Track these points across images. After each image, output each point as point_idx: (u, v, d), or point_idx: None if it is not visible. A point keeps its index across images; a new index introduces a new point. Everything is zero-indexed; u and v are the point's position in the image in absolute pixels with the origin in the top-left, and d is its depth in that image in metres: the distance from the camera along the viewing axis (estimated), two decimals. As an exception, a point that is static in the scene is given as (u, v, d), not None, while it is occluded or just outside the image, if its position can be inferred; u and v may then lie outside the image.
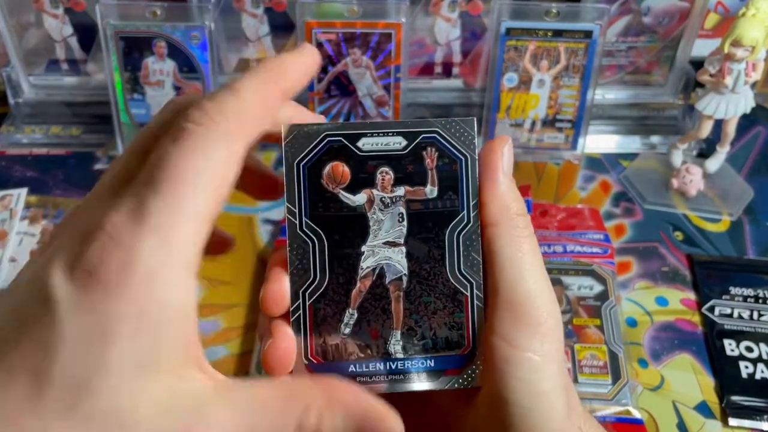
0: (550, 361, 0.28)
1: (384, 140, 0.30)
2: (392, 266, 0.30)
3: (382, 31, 0.69)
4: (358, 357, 0.30)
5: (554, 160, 0.76)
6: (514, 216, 0.29)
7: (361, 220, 0.30)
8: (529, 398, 0.28)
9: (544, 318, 0.28)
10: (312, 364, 0.30)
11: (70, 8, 0.74)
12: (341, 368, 0.30)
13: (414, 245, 0.30)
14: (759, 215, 0.70)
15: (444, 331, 0.30)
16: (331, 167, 0.29)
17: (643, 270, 0.65)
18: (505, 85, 0.72)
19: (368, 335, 0.30)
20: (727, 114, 0.66)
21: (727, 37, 0.61)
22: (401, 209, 0.30)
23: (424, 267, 0.30)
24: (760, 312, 0.61)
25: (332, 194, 0.30)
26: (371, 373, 0.30)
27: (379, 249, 0.30)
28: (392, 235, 0.30)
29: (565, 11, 0.69)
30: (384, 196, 0.30)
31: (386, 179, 0.30)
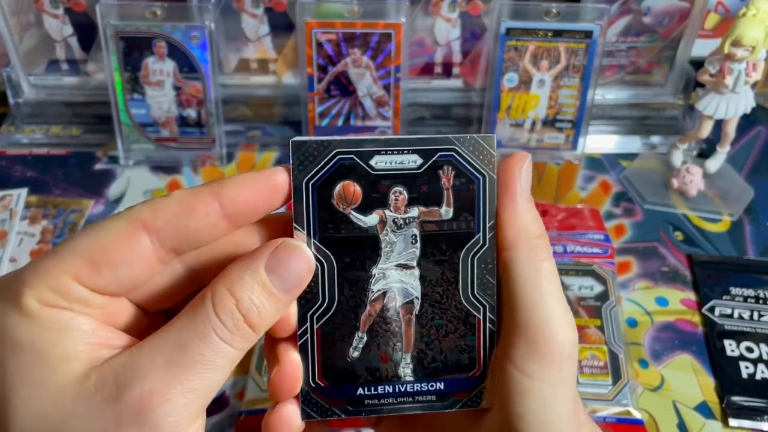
0: (562, 389, 0.28)
1: (398, 158, 0.28)
2: (404, 289, 0.29)
3: (382, 31, 0.69)
4: (367, 380, 0.29)
5: (554, 160, 0.76)
6: (532, 239, 0.28)
7: (373, 242, 0.28)
8: (538, 426, 0.28)
9: (558, 346, 0.27)
10: (319, 387, 0.29)
11: (70, 8, 0.74)
12: (350, 391, 0.29)
13: (427, 268, 0.29)
14: (759, 215, 0.70)
15: (455, 354, 0.29)
16: (342, 187, 0.28)
17: (643, 270, 0.65)
18: (505, 85, 0.72)
19: (378, 359, 0.29)
20: (728, 114, 0.66)
21: (728, 37, 0.61)
22: (415, 231, 0.29)
23: (436, 290, 0.29)
24: (761, 312, 0.61)
25: (343, 215, 0.28)
26: (380, 395, 0.29)
27: (391, 272, 0.29)
28: (404, 258, 0.29)
29: (565, 11, 0.68)
30: (397, 218, 0.28)
31: (400, 200, 0.28)
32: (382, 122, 0.74)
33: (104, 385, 0.23)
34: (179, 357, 0.24)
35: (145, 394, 0.23)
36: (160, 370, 0.23)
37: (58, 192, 0.72)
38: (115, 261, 0.25)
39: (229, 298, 0.25)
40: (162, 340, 0.24)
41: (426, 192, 0.28)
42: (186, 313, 0.25)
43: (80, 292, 0.24)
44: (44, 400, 0.23)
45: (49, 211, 0.70)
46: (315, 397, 0.29)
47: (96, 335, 0.25)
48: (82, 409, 0.23)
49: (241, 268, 0.26)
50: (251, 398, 0.54)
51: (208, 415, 0.55)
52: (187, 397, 0.24)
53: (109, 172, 0.75)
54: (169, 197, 0.26)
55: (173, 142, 0.74)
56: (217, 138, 0.74)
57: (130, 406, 0.23)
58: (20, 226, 0.69)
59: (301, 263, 0.27)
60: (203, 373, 0.24)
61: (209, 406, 0.26)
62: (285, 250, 0.26)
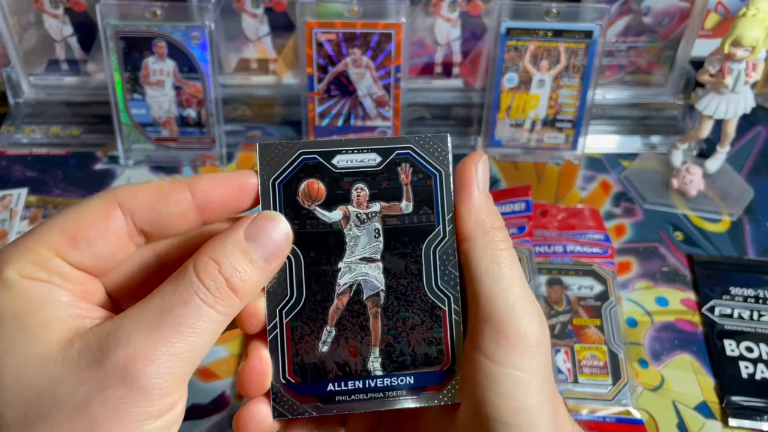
0: (532, 376, 0.28)
1: (359, 157, 0.30)
2: (369, 282, 0.30)
3: (382, 31, 0.69)
4: (337, 375, 0.30)
5: (554, 160, 0.76)
6: (489, 230, 0.29)
7: (338, 236, 0.30)
8: (511, 414, 0.28)
9: (523, 332, 0.28)
10: (290, 384, 0.30)
11: (70, 8, 0.74)
12: (320, 387, 0.30)
13: (391, 261, 0.30)
14: (759, 215, 0.70)
15: (423, 347, 0.30)
16: (306, 184, 0.30)
17: (643, 270, 0.65)
18: (505, 85, 0.72)
19: (347, 353, 0.30)
20: (727, 114, 0.66)
21: (727, 37, 0.61)
22: (377, 225, 0.30)
23: (401, 282, 0.30)
24: (761, 312, 0.61)
25: (308, 211, 0.30)
26: (351, 391, 0.30)
27: (356, 265, 0.30)
28: (369, 251, 0.30)
29: (565, 11, 0.68)
30: (360, 213, 0.30)
31: (362, 195, 0.30)
32: (382, 122, 0.74)
33: (88, 350, 0.24)
34: (162, 320, 0.24)
35: (129, 356, 0.23)
36: (144, 334, 0.24)
37: (58, 192, 0.72)
38: (92, 236, 0.26)
39: (211, 263, 0.26)
40: (145, 307, 0.25)
41: (386, 188, 0.30)
42: (168, 281, 0.26)
43: (60, 265, 0.25)
44: (29, 369, 0.23)
45: (49, 211, 0.70)
46: (286, 395, 0.30)
47: (76, 306, 0.25)
48: (67, 374, 0.23)
49: (221, 237, 0.27)
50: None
51: (208, 415, 0.55)
52: (172, 360, 0.24)
53: (109, 172, 0.75)
54: (147, 183, 0.27)
55: (173, 142, 0.74)
56: (217, 138, 0.74)
57: (114, 369, 0.23)
58: (20, 226, 0.69)
59: (279, 231, 0.28)
60: (187, 336, 0.24)
61: (209, 406, 0.26)
62: (263, 219, 0.28)
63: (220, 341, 0.59)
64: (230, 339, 0.60)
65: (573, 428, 0.30)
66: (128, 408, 0.23)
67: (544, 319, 0.29)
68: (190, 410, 0.55)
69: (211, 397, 0.56)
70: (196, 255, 0.26)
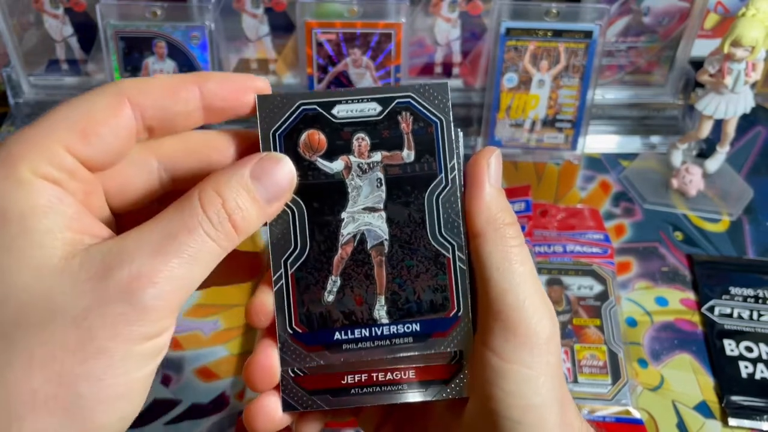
0: (541, 373, 0.28)
1: (359, 106, 0.30)
2: (373, 231, 0.30)
3: (382, 31, 0.69)
4: (343, 323, 0.30)
5: (554, 160, 0.76)
6: (501, 226, 0.29)
7: (340, 186, 0.30)
8: (518, 411, 0.28)
9: (534, 329, 0.28)
10: (297, 334, 0.30)
11: (70, 8, 0.74)
12: (326, 336, 0.30)
13: (394, 210, 0.30)
14: (759, 215, 0.70)
15: (428, 294, 0.30)
16: (307, 135, 0.29)
17: (643, 270, 0.65)
18: (505, 85, 0.72)
19: (352, 302, 0.30)
20: (727, 114, 0.66)
21: (727, 37, 0.61)
22: (379, 174, 0.30)
23: (405, 231, 0.30)
24: (760, 312, 0.61)
25: (309, 162, 0.29)
26: (357, 339, 0.30)
27: (359, 215, 0.30)
28: (371, 201, 0.30)
29: (565, 11, 0.69)
30: (361, 162, 0.30)
31: (363, 145, 0.30)
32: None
33: (90, 264, 0.24)
34: (167, 245, 0.24)
35: (134, 275, 0.23)
36: (149, 255, 0.24)
37: (59, 192, 0.72)
38: (103, 131, 0.25)
39: (216, 197, 0.26)
40: (148, 230, 0.25)
41: (387, 137, 0.30)
42: (172, 208, 0.26)
43: (70, 162, 0.25)
44: (27, 272, 0.23)
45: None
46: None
47: (80, 221, 0.25)
48: (66, 284, 0.23)
49: (227, 172, 0.27)
50: (251, 398, 0.54)
51: (208, 414, 0.55)
52: (172, 285, 0.24)
53: (109, 172, 0.75)
54: (155, 78, 0.27)
55: (173, 142, 0.74)
56: (217, 138, 0.74)
57: (117, 286, 0.23)
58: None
59: (284, 174, 0.28)
60: (189, 264, 0.24)
61: (209, 405, 0.26)
62: (269, 161, 0.28)
63: (220, 341, 0.60)
64: (230, 339, 0.60)
65: (582, 426, 0.30)
66: (125, 326, 0.23)
67: (555, 317, 0.29)
68: (190, 410, 0.55)
69: (211, 397, 0.56)
70: (201, 186, 0.26)
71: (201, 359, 0.58)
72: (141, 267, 0.23)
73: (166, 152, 0.29)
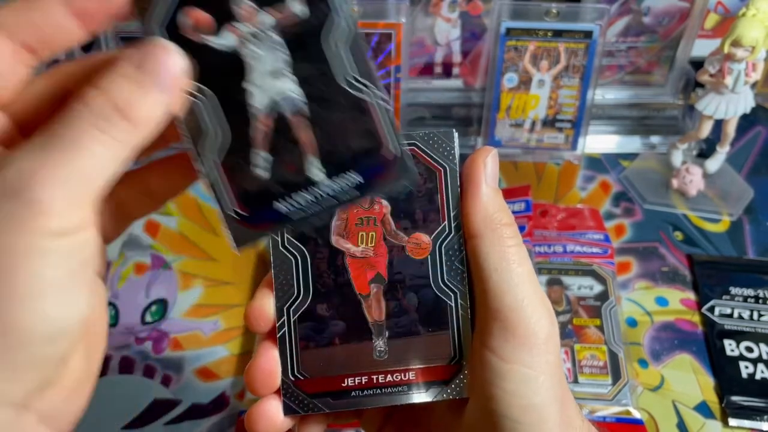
0: (540, 373, 0.28)
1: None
2: (287, 97, 0.28)
3: (382, 31, 0.69)
4: (282, 192, 0.28)
5: (554, 160, 0.76)
6: (498, 226, 0.29)
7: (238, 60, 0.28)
8: (518, 411, 0.28)
9: (533, 329, 0.28)
10: (240, 216, 0.28)
11: (70, 8, 0.74)
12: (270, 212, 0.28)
13: (300, 68, 0.28)
14: (759, 215, 0.70)
15: (358, 141, 0.28)
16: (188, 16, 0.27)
17: (643, 270, 0.65)
18: (505, 85, 0.72)
19: (286, 171, 0.28)
20: (727, 114, 0.66)
21: (727, 37, 0.61)
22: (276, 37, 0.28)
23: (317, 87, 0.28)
24: (760, 312, 0.61)
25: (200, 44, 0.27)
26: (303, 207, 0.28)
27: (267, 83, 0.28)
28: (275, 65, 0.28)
29: (565, 11, 0.68)
30: (254, 31, 0.28)
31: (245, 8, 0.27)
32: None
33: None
34: (53, 141, 0.23)
35: (23, 171, 0.22)
36: (36, 154, 0.23)
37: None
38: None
39: (97, 93, 0.24)
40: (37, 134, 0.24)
41: None
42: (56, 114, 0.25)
43: None
44: None
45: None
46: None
47: None
48: None
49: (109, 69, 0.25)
50: (251, 398, 0.54)
51: (208, 414, 0.55)
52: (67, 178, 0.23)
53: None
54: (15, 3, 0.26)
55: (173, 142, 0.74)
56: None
57: (8, 182, 0.22)
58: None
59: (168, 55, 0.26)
60: (81, 158, 0.23)
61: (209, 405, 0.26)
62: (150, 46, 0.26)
63: (220, 341, 0.60)
64: (230, 339, 0.60)
65: (583, 425, 0.30)
66: (23, 221, 0.22)
67: (554, 317, 0.29)
68: (190, 410, 0.55)
69: (211, 397, 0.56)
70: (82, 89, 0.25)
71: (201, 359, 0.58)
72: (29, 165, 0.23)
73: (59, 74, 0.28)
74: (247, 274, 0.65)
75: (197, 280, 0.64)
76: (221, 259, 0.66)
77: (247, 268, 0.65)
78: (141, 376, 0.57)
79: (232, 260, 0.66)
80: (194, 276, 0.64)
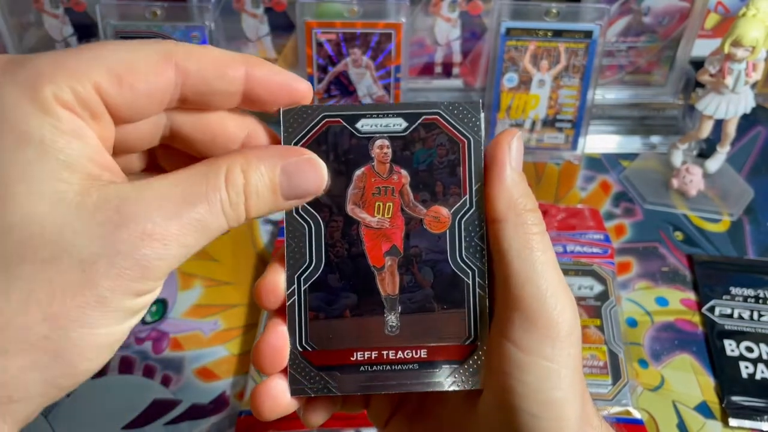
0: (562, 367, 0.27)
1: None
2: None
3: (382, 31, 0.69)
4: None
5: (554, 160, 0.76)
6: (522, 212, 0.28)
7: None
8: (538, 405, 0.27)
9: (555, 320, 0.27)
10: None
11: (70, 8, 0.74)
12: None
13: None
14: (759, 215, 0.70)
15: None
16: None
17: (643, 270, 0.65)
18: (505, 85, 0.72)
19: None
20: (728, 114, 0.66)
21: (728, 37, 0.61)
22: None
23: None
24: (761, 312, 0.61)
25: None
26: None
27: None
28: None
29: (565, 11, 0.68)
30: None
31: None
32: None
33: (106, 207, 0.23)
34: (185, 210, 0.24)
35: (147, 230, 0.23)
36: (165, 216, 0.23)
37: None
38: (140, 84, 0.24)
39: (241, 177, 0.25)
40: (170, 187, 0.24)
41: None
42: (196, 172, 0.25)
43: (95, 102, 0.23)
44: (41, 202, 0.22)
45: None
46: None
47: (99, 155, 0.24)
48: (79, 222, 0.22)
49: (260, 155, 0.26)
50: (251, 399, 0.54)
51: (208, 415, 0.55)
52: (178, 250, 0.24)
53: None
54: (206, 48, 0.26)
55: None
56: (217, 138, 0.74)
57: (130, 238, 0.22)
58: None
59: (315, 179, 0.27)
60: (198, 234, 0.24)
61: (209, 406, 0.26)
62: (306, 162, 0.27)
63: (220, 341, 0.60)
64: (230, 339, 0.60)
65: (602, 425, 0.29)
66: (126, 279, 0.23)
67: (576, 308, 0.28)
68: (190, 410, 0.55)
69: (211, 397, 0.56)
70: (230, 159, 0.25)
71: (201, 359, 0.58)
72: (155, 226, 0.23)
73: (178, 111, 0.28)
74: (247, 274, 0.65)
75: (197, 280, 0.64)
76: (221, 259, 0.66)
77: (247, 268, 0.65)
78: (141, 376, 0.57)
79: (232, 260, 0.66)
80: (194, 276, 0.64)
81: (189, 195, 0.24)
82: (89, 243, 0.22)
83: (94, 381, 0.56)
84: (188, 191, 0.24)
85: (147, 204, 0.23)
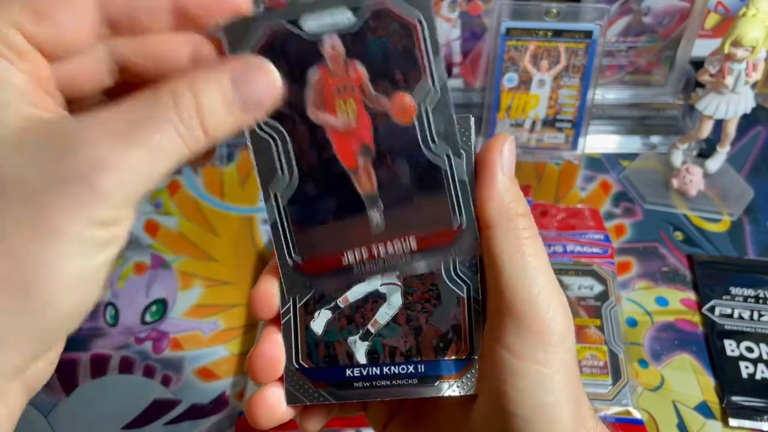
0: (555, 372, 0.27)
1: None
2: None
3: (382, 31, 0.69)
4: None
5: (554, 160, 0.76)
6: (513, 216, 0.28)
7: None
8: (531, 410, 0.27)
9: (547, 325, 0.27)
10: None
11: None
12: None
13: None
14: (759, 215, 0.70)
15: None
16: None
17: (643, 270, 0.65)
18: (505, 85, 0.72)
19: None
20: (728, 114, 0.66)
21: (728, 37, 0.61)
22: None
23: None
24: (761, 312, 0.61)
25: None
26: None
27: None
28: None
29: (565, 11, 0.68)
30: None
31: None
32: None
33: (48, 141, 0.22)
34: (133, 132, 0.23)
35: (96, 158, 0.22)
36: (112, 142, 0.22)
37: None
38: (59, 14, 0.23)
39: (190, 98, 0.24)
40: (114, 114, 0.23)
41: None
42: (141, 96, 0.24)
43: (19, 42, 0.23)
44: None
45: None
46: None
47: (33, 94, 0.23)
48: (22, 160, 0.22)
49: (206, 74, 0.25)
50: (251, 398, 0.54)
51: (208, 415, 0.55)
52: (134, 175, 0.23)
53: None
54: None
55: (173, 142, 0.74)
56: (217, 138, 0.74)
57: (78, 167, 0.22)
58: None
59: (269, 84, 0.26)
60: (153, 156, 0.23)
61: (209, 405, 0.26)
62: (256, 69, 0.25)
63: (220, 341, 0.60)
64: (230, 339, 0.60)
65: (597, 426, 0.29)
66: (81, 208, 0.22)
67: (570, 313, 0.28)
68: (190, 410, 0.55)
69: (211, 397, 0.56)
70: (175, 82, 0.24)
71: (201, 359, 0.58)
72: (103, 152, 0.22)
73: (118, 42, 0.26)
74: (247, 274, 0.65)
75: (197, 280, 0.64)
76: (221, 259, 0.66)
77: (247, 268, 0.65)
78: (141, 376, 0.57)
79: (232, 260, 0.66)
80: (194, 276, 0.64)
81: (137, 120, 0.23)
82: (34, 175, 0.21)
83: (94, 381, 0.56)
84: (136, 116, 0.23)
85: (93, 132, 0.22)
